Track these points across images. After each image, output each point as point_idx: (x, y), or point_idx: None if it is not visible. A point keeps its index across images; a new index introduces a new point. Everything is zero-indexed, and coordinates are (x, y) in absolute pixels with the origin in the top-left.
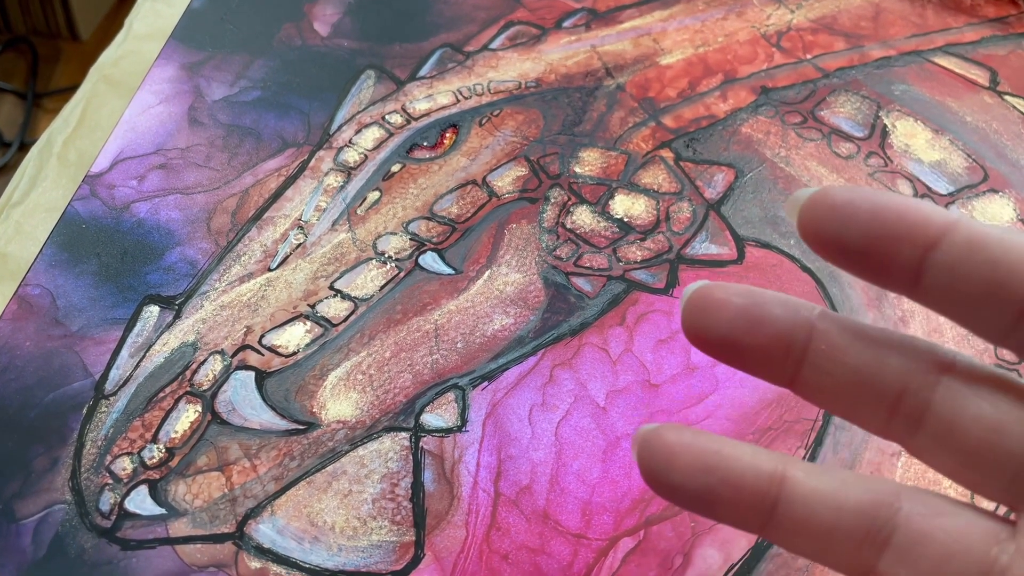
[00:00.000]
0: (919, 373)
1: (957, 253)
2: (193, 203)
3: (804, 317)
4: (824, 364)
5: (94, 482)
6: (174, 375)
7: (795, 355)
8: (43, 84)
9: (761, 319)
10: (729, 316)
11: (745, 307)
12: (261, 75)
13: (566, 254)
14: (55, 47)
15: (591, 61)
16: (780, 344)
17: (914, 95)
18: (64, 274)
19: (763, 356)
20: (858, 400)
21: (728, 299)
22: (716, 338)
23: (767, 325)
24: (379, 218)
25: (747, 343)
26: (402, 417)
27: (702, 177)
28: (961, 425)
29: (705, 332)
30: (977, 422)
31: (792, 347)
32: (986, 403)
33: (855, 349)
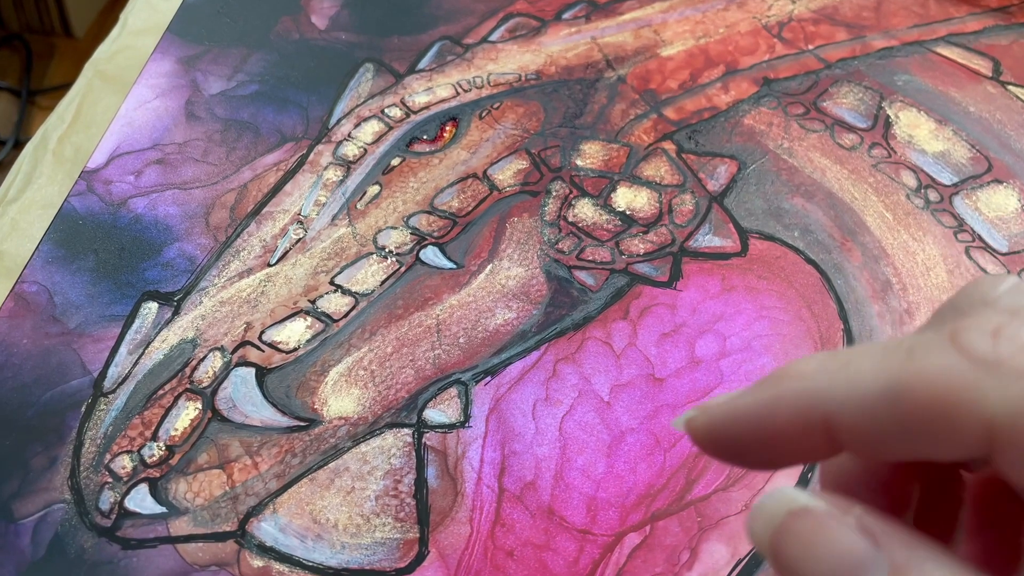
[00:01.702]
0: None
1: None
2: (191, 198)
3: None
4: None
5: (93, 481)
6: (173, 372)
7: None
8: (37, 81)
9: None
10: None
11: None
12: (259, 69)
13: (568, 247)
14: (49, 44)
15: (591, 53)
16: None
17: (917, 85)
18: (61, 271)
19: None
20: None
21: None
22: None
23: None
24: (379, 212)
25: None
26: (404, 413)
27: (705, 169)
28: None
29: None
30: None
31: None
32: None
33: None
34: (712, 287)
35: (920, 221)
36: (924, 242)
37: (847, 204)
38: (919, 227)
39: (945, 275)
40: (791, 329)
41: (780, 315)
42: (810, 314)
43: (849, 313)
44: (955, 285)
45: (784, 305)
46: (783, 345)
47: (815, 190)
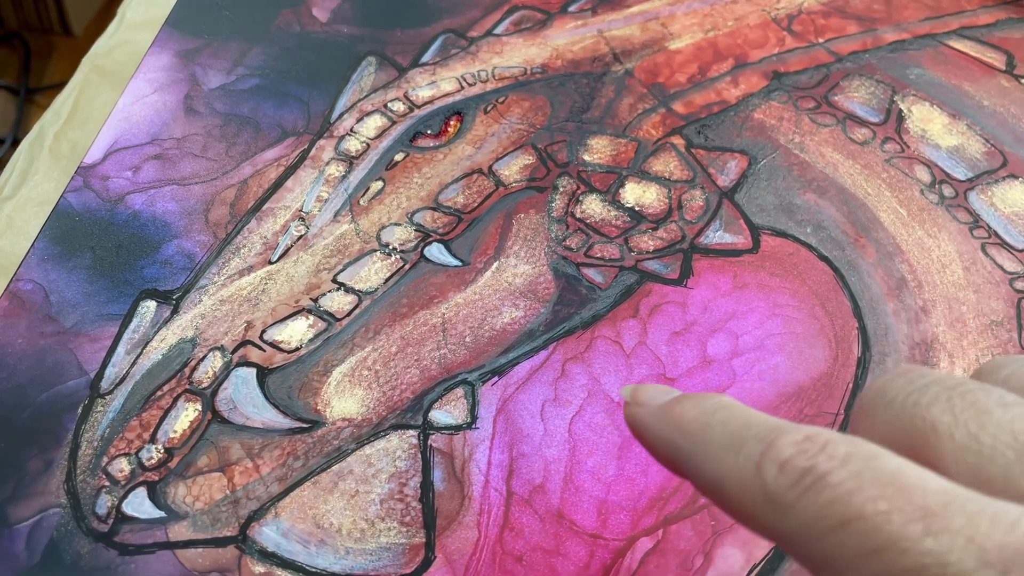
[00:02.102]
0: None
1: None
2: (190, 194)
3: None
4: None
5: (90, 484)
6: (172, 372)
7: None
8: (36, 80)
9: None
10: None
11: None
12: (259, 63)
13: (576, 244)
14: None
15: (598, 46)
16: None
17: (929, 79)
18: (57, 268)
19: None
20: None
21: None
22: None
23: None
24: (383, 208)
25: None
26: (410, 414)
27: (714, 164)
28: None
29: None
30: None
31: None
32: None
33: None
34: (723, 285)
35: (935, 217)
36: (939, 238)
37: (860, 200)
38: (934, 223)
39: (961, 272)
40: (805, 327)
41: (793, 313)
42: (824, 312)
43: (864, 311)
44: (971, 282)
45: (797, 303)
46: (797, 344)
47: (827, 185)
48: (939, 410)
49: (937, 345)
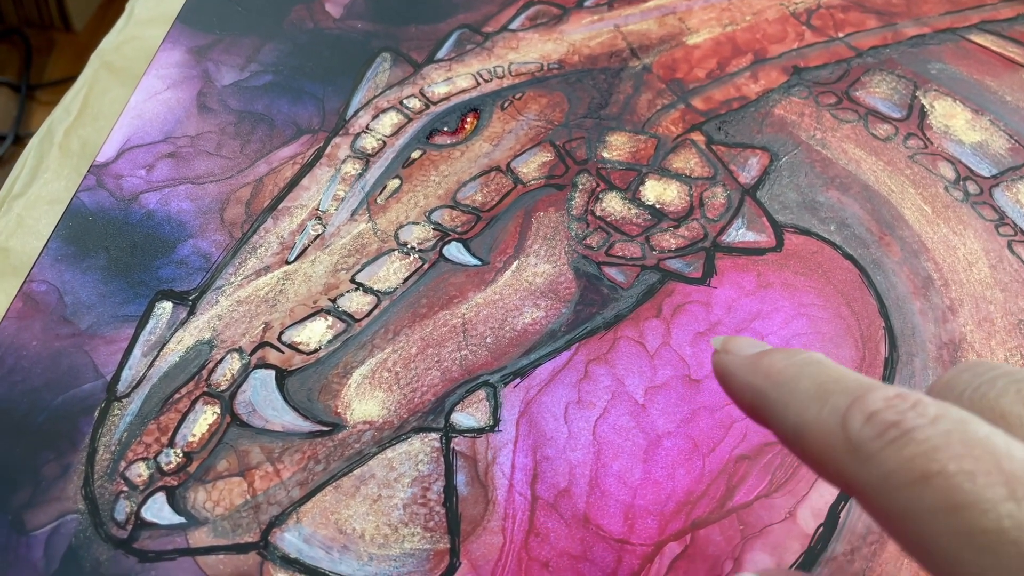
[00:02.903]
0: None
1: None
2: (205, 193)
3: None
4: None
5: (108, 490)
6: (190, 375)
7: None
8: (36, 76)
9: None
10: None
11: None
12: (272, 59)
13: (597, 243)
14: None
15: (615, 41)
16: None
17: (951, 74)
18: (71, 269)
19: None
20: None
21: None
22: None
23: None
24: (400, 207)
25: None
26: (431, 417)
27: (735, 161)
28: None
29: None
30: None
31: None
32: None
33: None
34: (747, 284)
35: (960, 214)
36: (965, 236)
37: (884, 197)
38: (959, 220)
39: (988, 270)
40: (831, 327)
41: (819, 313)
42: (850, 312)
43: (890, 310)
44: (998, 280)
45: (823, 302)
46: (823, 344)
47: (851, 182)
48: (1009, 401)
49: (965, 345)
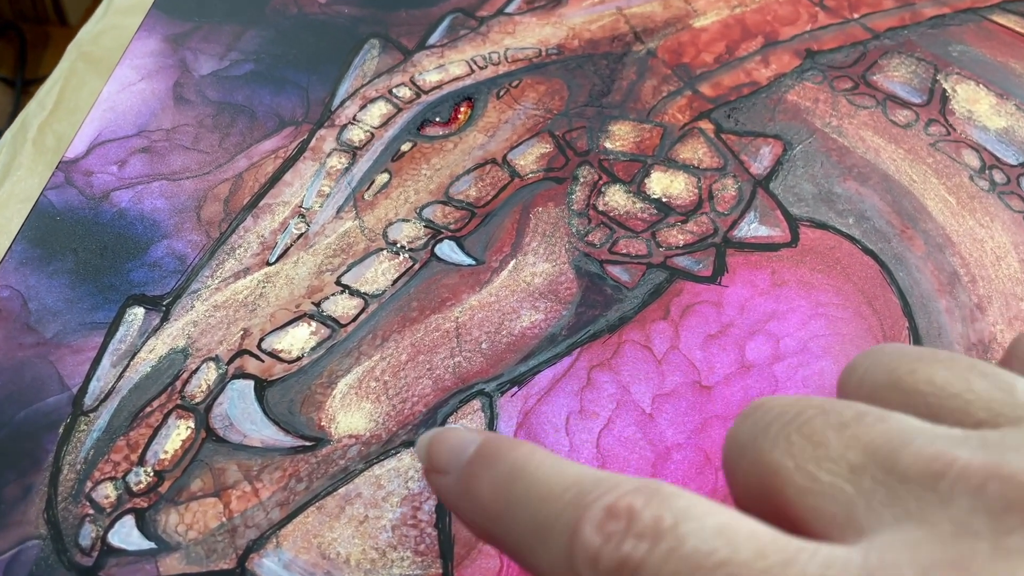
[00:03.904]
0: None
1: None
2: (181, 190)
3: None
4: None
5: (72, 513)
6: (163, 386)
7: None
8: (32, 71)
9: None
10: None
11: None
12: (254, 47)
13: (599, 240)
14: (43, 33)
15: (618, 24)
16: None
17: (973, 56)
18: (36, 273)
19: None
20: None
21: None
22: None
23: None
24: (389, 203)
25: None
26: (422, 429)
27: (747, 150)
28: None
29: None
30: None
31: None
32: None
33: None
34: (761, 282)
35: (986, 205)
36: (992, 228)
37: (905, 187)
38: (985, 212)
39: (1017, 264)
40: (851, 328)
41: (838, 312)
42: (871, 311)
43: (914, 309)
44: None
45: (842, 301)
46: (843, 346)
47: (869, 172)
48: (779, 454)
49: (995, 345)
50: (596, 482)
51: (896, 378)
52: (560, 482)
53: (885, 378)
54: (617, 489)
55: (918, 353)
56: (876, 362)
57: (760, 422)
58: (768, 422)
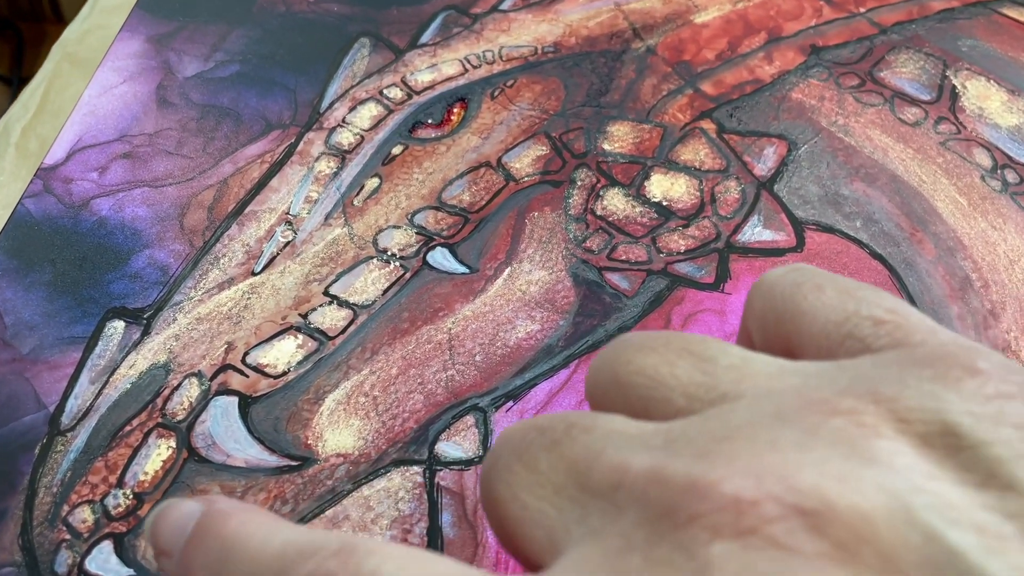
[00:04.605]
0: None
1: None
2: (163, 197)
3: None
4: None
5: (48, 538)
6: (143, 404)
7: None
8: (29, 69)
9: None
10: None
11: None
12: (240, 47)
13: (598, 246)
14: (40, 30)
15: (616, 21)
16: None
17: (984, 51)
18: (13, 285)
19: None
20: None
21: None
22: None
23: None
24: (379, 209)
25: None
26: (413, 447)
27: (750, 151)
28: None
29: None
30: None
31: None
32: None
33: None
34: None
35: (999, 206)
36: (1005, 231)
37: (914, 188)
38: (998, 213)
39: None
40: None
41: None
42: None
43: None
44: None
45: None
46: None
47: (877, 173)
48: (502, 486)
49: (1010, 354)
50: (298, 551)
51: (614, 373)
52: (266, 555)
53: (609, 376)
54: (316, 556)
55: (640, 340)
56: (603, 358)
57: (493, 455)
58: (499, 455)
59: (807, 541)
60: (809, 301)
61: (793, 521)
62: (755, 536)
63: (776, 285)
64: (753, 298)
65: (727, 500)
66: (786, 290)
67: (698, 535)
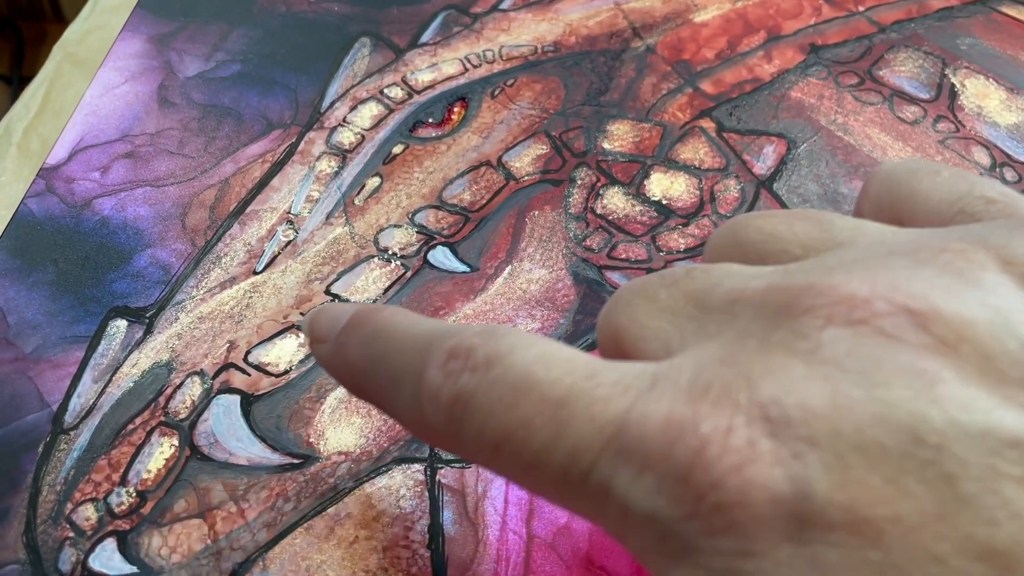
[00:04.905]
0: None
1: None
2: (165, 197)
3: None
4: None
5: (52, 536)
6: (146, 402)
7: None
8: (29, 68)
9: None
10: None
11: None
12: (241, 47)
13: (598, 244)
14: (41, 30)
15: (616, 20)
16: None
17: (983, 49)
18: (15, 285)
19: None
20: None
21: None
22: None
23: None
24: (380, 208)
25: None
26: (415, 445)
27: (749, 150)
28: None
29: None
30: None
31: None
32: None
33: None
34: None
35: None
36: None
37: None
38: None
39: None
40: None
41: None
42: None
43: None
44: None
45: None
46: None
47: None
48: (623, 316)
49: None
50: (444, 332)
51: (734, 234)
52: (414, 335)
53: (728, 236)
54: (460, 334)
55: (761, 213)
56: (725, 226)
57: (614, 298)
58: (620, 295)
59: (913, 334)
60: (924, 183)
61: (901, 317)
62: (865, 326)
63: (894, 171)
64: (869, 184)
65: (842, 296)
66: (903, 175)
67: (813, 322)
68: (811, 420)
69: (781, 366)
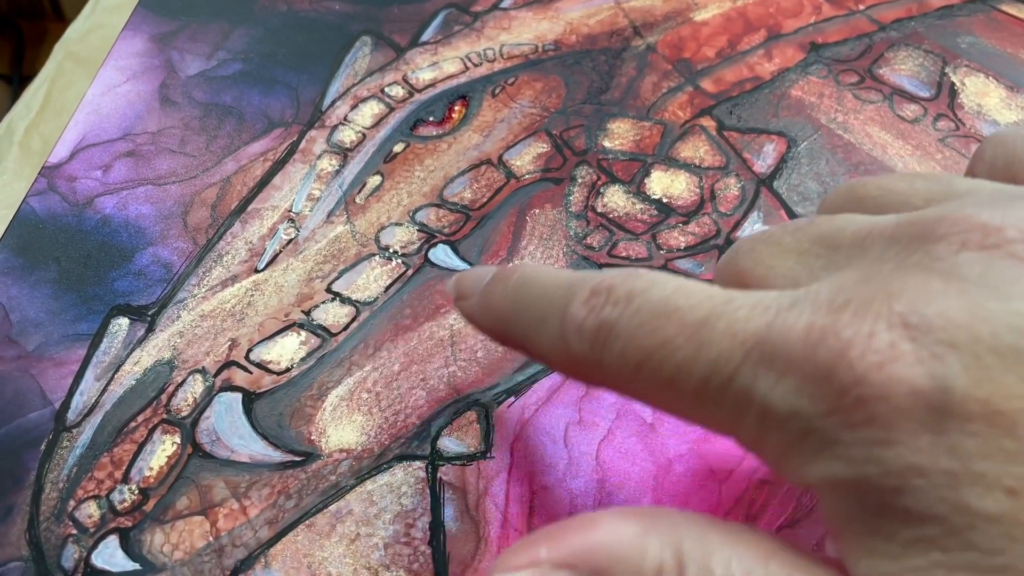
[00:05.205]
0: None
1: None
2: (167, 195)
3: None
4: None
5: (55, 533)
6: (148, 400)
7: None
8: (29, 67)
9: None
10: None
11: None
12: (242, 46)
13: (598, 242)
14: (41, 29)
15: (616, 19)
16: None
17: (983, 48)
18: (18, 283)
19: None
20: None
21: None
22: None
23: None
24: (381, 207)
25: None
26: (416, 443)
27: (749, 148)
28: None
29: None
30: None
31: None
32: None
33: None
34: None
35: None
36: None
37: None
38: None
39: None
40: None
41: None
42: None
43: None
44: None
45: None
46: None
47: (876, 169)
48: (748, 261)
49: None
50: (584, 275)
51: (852, 190)
52: (557, 281)
53: (846, 194)
54: (602, 275)
55: (877, 174)
56: (841, 186)
57: (735, 248)
58: (739, 245)
59: None
60: None
61: None
62: (998, 250)
63: (1009, 135)
64: (984, 147)
65: (976, 224)
66: (1018, 140)
67: (948, 247)
68: (949, 327)
69: (919, 283)
